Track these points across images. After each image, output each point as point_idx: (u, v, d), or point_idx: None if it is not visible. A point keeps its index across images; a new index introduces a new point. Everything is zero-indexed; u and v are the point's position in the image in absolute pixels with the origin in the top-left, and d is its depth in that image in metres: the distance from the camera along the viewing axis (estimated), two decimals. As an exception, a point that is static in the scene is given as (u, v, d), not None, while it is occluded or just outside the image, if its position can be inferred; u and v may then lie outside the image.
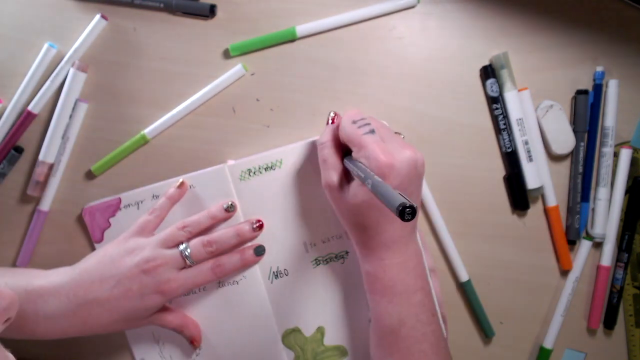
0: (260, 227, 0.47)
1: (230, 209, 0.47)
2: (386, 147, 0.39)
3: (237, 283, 0.49)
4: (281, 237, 0.48)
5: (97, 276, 0.43)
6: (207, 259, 0.46)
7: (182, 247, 0.45)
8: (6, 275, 0.43)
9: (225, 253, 0.47)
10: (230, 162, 0.49)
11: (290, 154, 0.48)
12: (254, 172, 0.48)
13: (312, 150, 0.47)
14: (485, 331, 0.52)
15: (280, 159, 0.48)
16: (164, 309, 0.47)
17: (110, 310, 0.43)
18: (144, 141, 0.51)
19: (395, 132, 0.44)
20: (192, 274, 0.45)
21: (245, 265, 0.48)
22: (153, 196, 0.50)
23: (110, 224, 0.51)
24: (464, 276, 0.51)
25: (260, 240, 0.48)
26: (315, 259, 0.49)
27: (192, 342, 0.48)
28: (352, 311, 0.49)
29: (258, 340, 0.49)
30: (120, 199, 0.50)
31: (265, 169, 0.48)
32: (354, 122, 0.40)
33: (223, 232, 0.47)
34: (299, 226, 0.48)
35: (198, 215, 0.47)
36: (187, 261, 0.45)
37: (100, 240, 0.51)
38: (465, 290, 0.51)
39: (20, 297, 0.40)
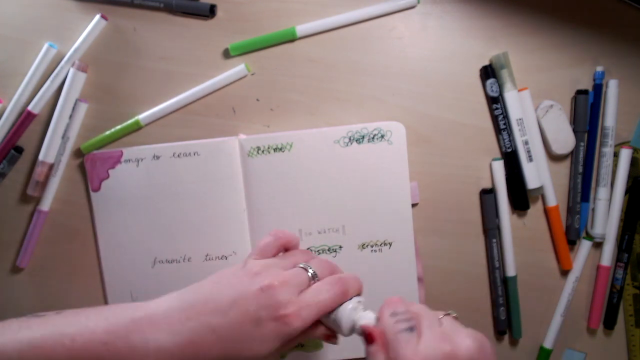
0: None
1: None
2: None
3: (226, 258, 0.49)
4: (278, 219, 0.49)
5: (211, 297, 0.37)
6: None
7: (302, 264, 0.39)
8: (104, 311, 0.37)
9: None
10: (242, 136, 0.49)
11: (302, 139, 0.48)
12: (263, 151, 0.49)
13: (326, 138, 0.48)
14: (512, 331, 0.52)
15: (291, 142, 0.48)
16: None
17: (223, 339, 0.36)
18: (137, 126, 0.51)
19: (447, 315, 0.36)
20: (314, 293, 0.37)
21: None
22: (154, 156, 0.50)
23: (108, 175, 0.51)
24: (511, 271, 0.51)
25: (257, 218, 0.49)
26: (308, 249, 0.49)
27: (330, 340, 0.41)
28: None
29: None
30: (122, 152, 0.50)
31: (275, 150, 0.48)
32: (394, 314, 0.35)
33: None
34: (298, 212, 0.49)
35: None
36: (309, 273, 0.38)
37: (97, 189, 0.51)
38: (507, 285, 0.51)
39: (127, 327, 0.35)
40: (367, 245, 0.49)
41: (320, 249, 0.49)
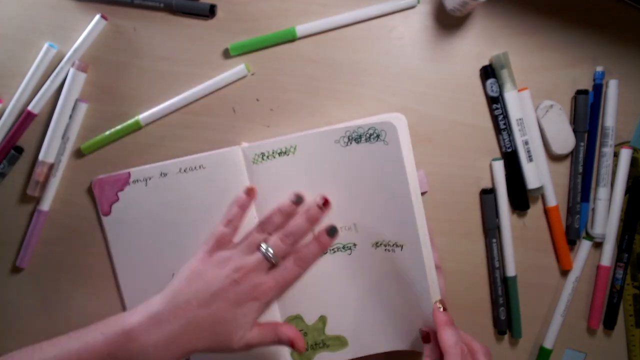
0: (326, 204, 0.48)
1: (297, 201, 0.48)
2: None
3: None
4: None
5: (192, 295, 0.43)
6: (289, 252, 0.47)
7: (263, 248, 0.46)
8: (97, 327, 0.42)
9: (303, 239, 0.48)
10: (244, 144, 0.49)
11: (305, 140, 0.48)
12: (267, 157, 0.48)
13: (327, 138, 0.48)
14: (512, 331, 0.52)
15: (294, 145, 0.48)
16: (255, 327, 0.46)
17: (213, 326, 0.43)
18: (137, 127, 0.51)
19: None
20: (280, 273, 0.46)
21: (325, 249, 0.48)
22: (161, 174, 0.50)
23: (118, 198, 0.51)
24: (511, 271, 0.51)
25: None
26: None
27: (293, 346, 0.46)
28: (355, 303, 0.49)
29: None
30: (129, 174, 0.50)
31: (279, 154, 0.48)
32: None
33: (295, 221, 0.47)
34: None
35: (270, 212, 0.48)
36: (271, 261, 0.46)
37: (108, 213, 0.51)
38: (507, 285, 0.51)
39: (122, 338, 0.41)
40: (380, 244, 0.48)
41: (334, 247, 0.49)
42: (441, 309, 0.44)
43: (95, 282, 0.53)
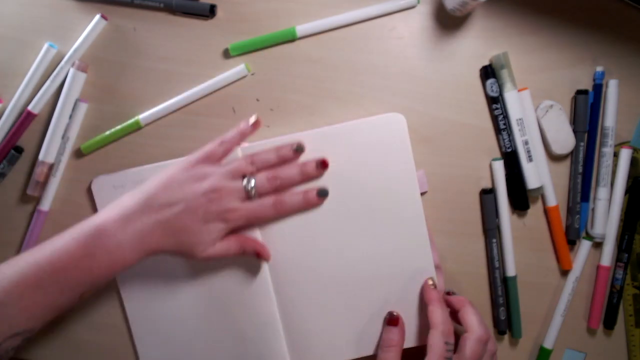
0: (324, 165, 0.47)
1: (299, 149, 0.47)
2: None
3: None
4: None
5: (165, 201, 0.43)
6: (270, 193, 0.46)
7: (246, 179, 0.45)
8: (66, 233, 0.42)
9: (287, 190, 0.47)
10: (244, 144, 0.49)
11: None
12: None
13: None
14: (512, 331, 0.52)
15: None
16: (219, 241, 0.46)
17: (178, 233, 0.43)
18: (137, 127, 0.51)
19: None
20: (254, 206, 0.46)
21: (307, 206, 0.48)
22: None
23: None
24: (511, 271, 0.51)
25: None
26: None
27: (259, 257, 0.47)
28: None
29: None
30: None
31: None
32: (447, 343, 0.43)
33: (287, 168, 0.47)
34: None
35: (266, 151, 0.47)
36: (250, 193, 0.45)
37: None
38: (507, 285, 0.51)
39: (94, 237, 0.41)
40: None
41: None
42: (432, 286, 0.47)
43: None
